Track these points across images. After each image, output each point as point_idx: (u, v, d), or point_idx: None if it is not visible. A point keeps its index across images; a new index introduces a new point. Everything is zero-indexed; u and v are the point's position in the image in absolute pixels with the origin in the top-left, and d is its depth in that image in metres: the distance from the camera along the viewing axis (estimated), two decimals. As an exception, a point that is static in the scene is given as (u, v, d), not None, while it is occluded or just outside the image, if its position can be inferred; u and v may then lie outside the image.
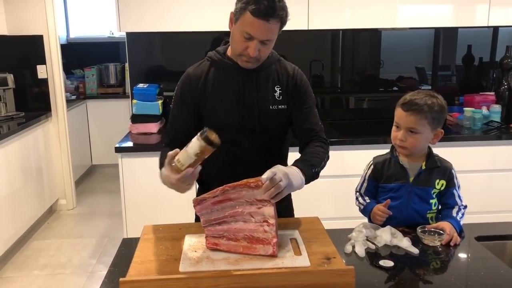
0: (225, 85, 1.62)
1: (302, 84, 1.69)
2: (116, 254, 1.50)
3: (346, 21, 3.02)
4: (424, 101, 1.59)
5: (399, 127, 1.63)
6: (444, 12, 3.05)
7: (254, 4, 1.44)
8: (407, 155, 1.67)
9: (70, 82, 5.30)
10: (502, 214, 2.89)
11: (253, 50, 1.49)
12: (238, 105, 1.61)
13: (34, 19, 3.92)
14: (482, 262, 1.44)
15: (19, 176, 3.55)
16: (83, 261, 3.36)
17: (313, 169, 1.54)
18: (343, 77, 3.56)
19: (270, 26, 1.46)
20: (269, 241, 1.33)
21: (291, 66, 1.71)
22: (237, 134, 1.63)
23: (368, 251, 1.46)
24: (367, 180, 1.75)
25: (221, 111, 1.61)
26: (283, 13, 1.48)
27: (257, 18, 1.44)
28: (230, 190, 1.36)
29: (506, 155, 2.95)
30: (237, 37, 1.51)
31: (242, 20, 1.48)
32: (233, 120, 1.61)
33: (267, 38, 1.49)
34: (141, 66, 3.31)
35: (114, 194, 4.47)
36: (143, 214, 2.83)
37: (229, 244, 1.37)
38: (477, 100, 3.24)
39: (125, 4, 2.88)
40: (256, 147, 1.66)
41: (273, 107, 1.63)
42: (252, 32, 1.47)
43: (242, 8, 1.47)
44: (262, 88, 1.63)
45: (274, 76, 1.65)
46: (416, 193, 1.65)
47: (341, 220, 1.94)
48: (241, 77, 1.61)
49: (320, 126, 1.71)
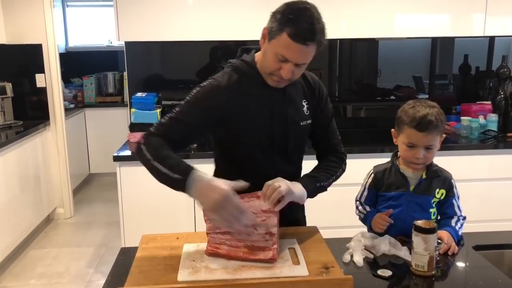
0: (257, 101, 1.50)
1: (324, 94, 1.63)
2: (114, 264, 1.49)
3: (344, 30, 3.04)
4: (434, 116, 1.57)
5: (414, 147, 1.60)
6: (441, 22, 3.08)
7: (294, 26, 1.33)
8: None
9: (68, 90, 5.31)
10: (500, 223, 2.89)
11: (287, 72, 1.40)
12: (272, 123, 1.51)
13: (33, 28, 3.93)
14: (480, 271, 1.44)
15: (17, 185, 3.55)
16: (80, 270, 3.34)
17: (318, 184, 1.53)
18: (340, 86, 3.58)
19: (308, 50, 1.37)
20: (269, 247, 1.34)
21: (310, 76, 1.62)
22: (270, 154, 1.54)
23: (366, 260, 1.46)
24: (367, 189, 1.75)
25: (254, 130, 1.50)
26: (321, 36, 1.38)
27: (295, 42, 1.34)
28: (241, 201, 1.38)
29: (503, 164, 2.96)
30: (271, 57, 1.41)
31: (278, 40, 1.37)
32: (267, 139, 1.52)
33: (303, 62, 1.41)
34: (139, 75, 3.31)
35: (112, 203, 4.45)
36: (141, 223, 2.83)
37: (230, 249, 1.37)
38: (474, 109, 3.25)
39: (124, 13, 2.89)
40: (288, 167, 1.58)
41: (303, 123, 1.56)
42: (288, 55, 1.37)
43: (279, 29, 1.36)
44: (293, 104, 1.54)
45: (300, 90, 1.58)
46: (416, 202, 1.65)
47: (340, 229, 1.94)
48: (272, 92, 1.50)
49: (339, 139, 1.68)
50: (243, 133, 1.51)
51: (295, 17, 1.35)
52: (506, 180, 2.97)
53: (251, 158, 1.54)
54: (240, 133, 1.51)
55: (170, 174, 1.35)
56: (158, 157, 1.39)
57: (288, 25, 1.35)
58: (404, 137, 1.62)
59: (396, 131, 1.68)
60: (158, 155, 1.39)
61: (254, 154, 1.53)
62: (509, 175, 2.97)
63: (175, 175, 1.35)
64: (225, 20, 2.90)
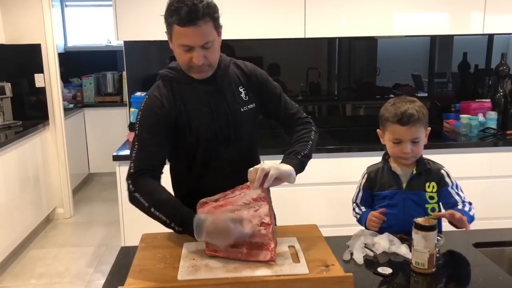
0: (193, 100, 1.56)
1: (262, 77, 1.67)
2: (114, 263, 1.50)
3: (343, 29, 3.04)
4: (415, 109, 1.61)
5: (400, 142, 1.63)
6: (440, 20, 3.08)
7: (177, 14, 1.39)
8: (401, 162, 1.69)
9: (67, 90, 5.31)
10: (500, 221, 2.89)
11: (197, 58, 1.44)
12: (212, 116, 1.56)
13: (32, 28, 3.93)
14: (480, 269, 1.44)
15: (16, 185, 3.54)
16: (80, 270, 3.34)
17: (299, 156, 1.53)
18: (339, 84, 3.58)
19: (202, 28, 1.40)
20: (267, 246, 1.33)
21: (243, 64, 1.67)
22: (217, 146, 1.58)
23: (366, 258, 1.46)
24: (362, 190, 1.76)
25: (197, 127, 1.55)
26: (209, 10, 1.41)
27: (185, 27, 1.39)
28: (230, 194, 1.39)
29: (502, 161, 2.96)
30: (179, 52, 1.47)
31: (174, 34, 1.44)
32: (211, 133, 1.56)
33: (206, 41, 1.43)
34: (138, 75, 3.31)
35: (111, 203, 4.45)
36: (140, 223, 2.80)
37: (229, 250, 1.37)
38: (473, 107, 3.25)
39: (123, 13, 2.89)
40: (236, 156, 1.61)
41: (244, 109, 1.60)
42: (188, 41, 1.42)
43: (169, 24, 1.44)
44: (228, 93, 1.59)
45: (235, 78, 1.62)
46: (411, 199, 1.66)
47: (339, 228, 1.94)
48: (205, 87, 1.56)
49: (297, 107, 1.72)
50: (189, 132, 1.55)
51: (176, 6, 1.40)
52: (506, 177, 2.97)
53: (198, 154, 1.59)
54: (187, 132, 1.55)
55: (171, 224, 1.41)
56: (155, 204, 1.43)
57: (173, 16, 1.40)
58: (389, 134, 1.65)
59: (381, 130, 1.71)
60: (154, 202, 1.43)
61: (200, 149, 1.58)
62: (508, 173, 2.97)
63: (176, 227, 1.41)
64: (223, 19, 2.90)
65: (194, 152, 1.59)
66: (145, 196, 1.44)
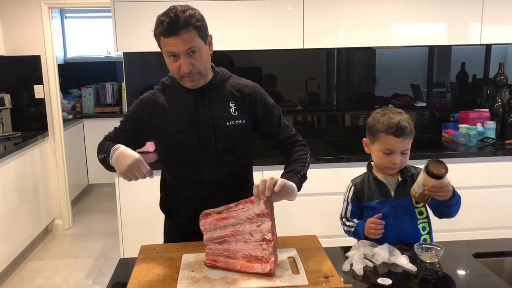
0: (178, 107, 1.62)
1: (261, 97, 1.69)
2: (113, 275, 1.49)
3: (341, 40, 3.06)
4: (406, 122, 1.64)
5: (390, 153, 1.64)
6: (438, 30, 3.10)
7: (161, 26, 1.47)
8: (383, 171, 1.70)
9: (67, 101, 5.31)
10: (500, 231, 2.89)
11: (184, 66, 1.50)
12: (193, 124, 1.60)
13: (31, 39, 3.95)
14: (480, 279, 1.43)
15: (15, 196, 3.53)
16: (79, 281, 3.32)
17: (298, 175, 1.55)
18: (338, 95, 3.59)
19: (185, 38, 1.47)
20: (266, 259, 1.33)
21: (245, 81, 1.71)
22: (198, 154, 1.61)
23: (366, 269, 1.45)
24: (351, 203, 1.74)
25: (176, 132, 1.60)
26: (191, 19, 1.47)
27: (169, 37, 1.47)
28: (233, 207, 1.38)
29: (502, 171, 2.96)
30: (169, 62, 1.55)
31: (162, 45, 1.53)
32: (190, 140, 1.60)
33: (188, 47, 1.48)
34: (138, 85, 3.32)
35: (110, 214, 4.44)
36: (140, 234, 2.81)
37: (228, 262, 1.37)
38: (471, 116, 3.26)
39: (122, 24, 2.91)
40: (215, 169, 1.63)
41: (230, 123, 1.62)
42: (172, 48, 1.49)
43: (156, 36, 1.53)
44: (216, 105, 1.62)
45: (227, 93, 1.65)
46: (401, 206, 1.66)
47: (338, 238, 1.93)
48: (193, 97, 1.61)
49: (292, 130, 1.74)
50: (166, 136, 1.63)
51: (161, 19, 1.49)
52: (505, 187, 2.97)
53: (180, 161, 1.66)
54: (164, 137, 1.64)
55: (102, 156, 1.60)
56: (99, 150, 1.64)
57: (159, 29, 1.50)
58: (380, 145, 1.66)
59: (370, 140, 1.71)
60: (99, 149, 1.65)
61: (181, 156, 1.64)
62: (507, 183, 2.97)
63: (104, 155, 1.58)
64: (221, 30, 2.91)
65: (174, 157, 1.67)
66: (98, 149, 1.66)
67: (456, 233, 1.74)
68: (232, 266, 1.36)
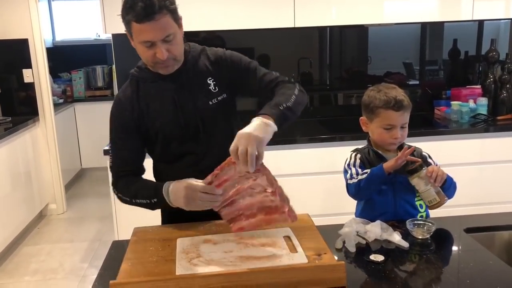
0: (157, 98, 1.54)
1: (231, 59, 1.58)
2: (106, 257, 1.49)
3: (333, 18, 3.02)
4: (402, 95, 1.65)
5: (391, 128, 1.65)
6: (430, 7, 3.07)
7: (133, 11, 1.36)
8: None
9: (57, 85, 5.26)
10: (491, 206, 2.91)
11: (161, 53, 1.40)
12: (177, 114, 1.53)
13: (18, 23, 3.87)
14: (471, 254, 1.45)
15: (7, 182, 3.52)
16: (74, 265, 3.33)
17: (280, 107, 1.40)
18: (331, 74, 3.57)
19: (160, 22, 1.36)
20: (282, 210, 1.35)
21: (211, 52, 1.60)
22: (187, 143, 1.56)
23: (358, 246, 1.46)
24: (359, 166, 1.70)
25: (163, 126, 1.54)
26: (165, 2, 1.37)
27: (143, 23, 1.36)
28: (220, 173, 1.39)
29: (493, 147, 2.97)
30: (141, 50, 1.44)
31: (134, 32, 1.41)
32: (177, 130, 1.54)
33: (166, 34, 1.39)
34: (128, 68, 3.22)
35: (104, 197, 4.43)
36: (134, 217, 2.79)
37: (250, 222, 1.41)
38: (464, 93, 3.26)
39: (110, 5, 2.85)
40: (209, 152, 1.57)
41: (213, 101, 1.55)
42: (148, 37, 1.38)
43: (127, 22, 1.41)
44: (194, 87, 1.54)
45: (203, 70, 1.56)
46: (400, 182, 1.67)
47: (331, 217, 1.95)
48: (170, 84, 1.53)
49: (275, 74, 1.59)
50: (155, 131, 1.56)
51: (131, 3, 1.37)
52: (497, 163, 2.99)
53: (170, 152, 1.59)
54: (153, 132, 1.56)
55: (150, 202, 1.51)
56: (133, 195, 1.54)
57: (129, 14, 1.38)
58: (380, 121, 1.66)
59: (368, 118, 1.71)
60: (131, 194, 1.55)
61: (171, 146, 1.58)
62: (499, 158, 2.99)
63: (153, 201, 1.49)
64: (213, 10, 2.87)
65: (166, 150, 1.59)
66: (126, 193, 1.56)
67: (448, 209, 1.74)
68: (258, 224, 1.40)
